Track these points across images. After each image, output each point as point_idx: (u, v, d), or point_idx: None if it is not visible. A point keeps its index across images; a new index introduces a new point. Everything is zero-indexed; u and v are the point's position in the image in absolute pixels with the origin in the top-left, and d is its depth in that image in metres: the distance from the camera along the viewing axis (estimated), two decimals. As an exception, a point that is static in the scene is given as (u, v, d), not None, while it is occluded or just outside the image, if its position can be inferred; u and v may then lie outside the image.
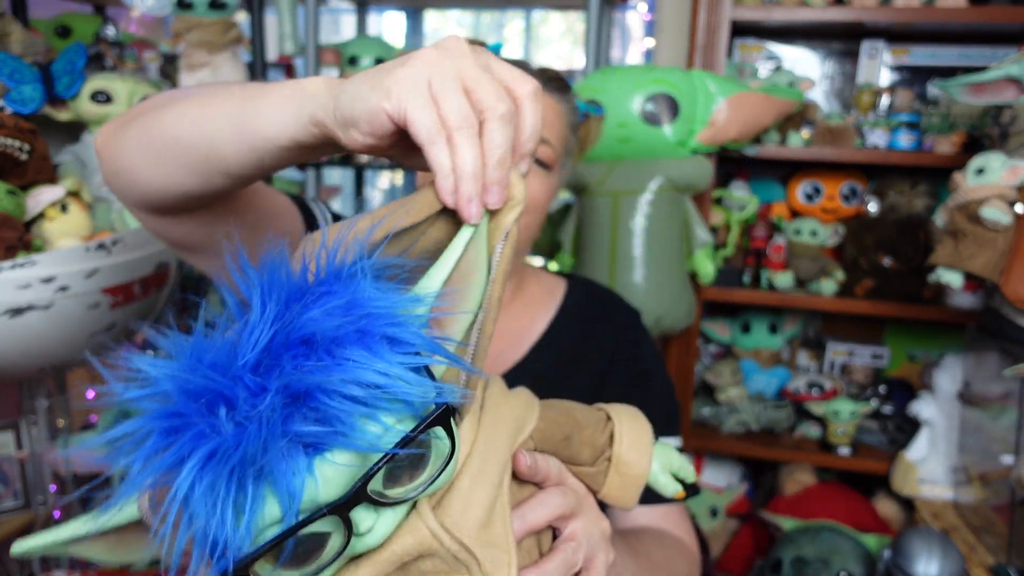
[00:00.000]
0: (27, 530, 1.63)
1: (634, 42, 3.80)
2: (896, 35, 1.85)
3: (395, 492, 0.41)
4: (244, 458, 0.35)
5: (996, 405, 1.49)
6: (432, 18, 4.41)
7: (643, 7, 3.04)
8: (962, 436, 1.63)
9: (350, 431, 0.37)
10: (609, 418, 0.58)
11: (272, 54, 1.98)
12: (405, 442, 0.38)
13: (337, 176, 3.87)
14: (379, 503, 0.40)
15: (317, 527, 0.38)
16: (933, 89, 1.84)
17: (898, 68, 1.91)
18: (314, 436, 0.36)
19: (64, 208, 1.27)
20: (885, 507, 1.76)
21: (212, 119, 0.55)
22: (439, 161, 0.43)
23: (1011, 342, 1.28)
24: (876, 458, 1.75)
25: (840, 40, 1.94)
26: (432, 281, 0.43)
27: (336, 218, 0.92)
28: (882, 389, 1.89)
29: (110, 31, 2.05)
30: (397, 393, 0.38)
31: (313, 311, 0.38)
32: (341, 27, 4.46)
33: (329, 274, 0.40)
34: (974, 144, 1.65)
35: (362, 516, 0.40)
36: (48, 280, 1.14)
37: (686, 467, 0.60)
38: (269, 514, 0.37)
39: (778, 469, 1.88)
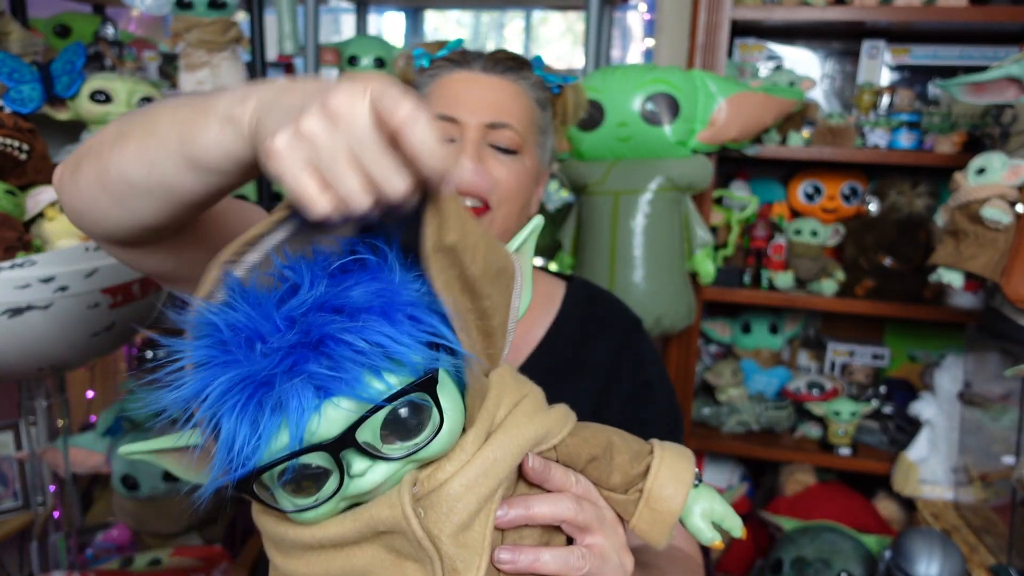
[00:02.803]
0: (26, 531, 1.63)
1: (634, 42, 3.80)
2: (897, 35, 1.84)
3: (387, 448, 0.46)
4: (265, 385, 0.43)
5: (997, 405, 1.49)
6: (432, 18, 4.41)
7: (643, 7, 3.04)
8: (963, 436, 1.63)
9: (354, 381, 0.43)
10: (652, 452, 0.57)
11: (272, 54, 1.98)
12: (391, 398, 0.44)
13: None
14: (368, 452, 0.45)
15: (318, 462, 0.45)
16: (934, 89, 1.84)
17: (899, 68, 1.91)
18: (323, 379, 0.43)
19: (63, 208, 1.26)
20: (886, 507, 1.76)
21: (156, 158, 0.55)
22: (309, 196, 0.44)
23: (1012, 342, 1.28)
24: (877, 458, 1.75)
25: (841, 40, 1.94)
26: None
27: None
28: (882, 389, 1.89)
29: (109, 31, 2.05)
30: (397, 353, 0.44)
31: (354, 290, 0.45)
32: (341, 26, 4.45)
33: (370, 265, 0.47)
34: (975, 144, 1.65)
35: (356, 460, 0.46)
36: (47, 280, 1.14)
37: (731, 518, 0.58)
38: (280, 441, 0.44)
39: (778, 469, 1.88)
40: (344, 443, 0.44)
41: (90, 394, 2.17)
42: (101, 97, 1.43)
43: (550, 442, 0.54)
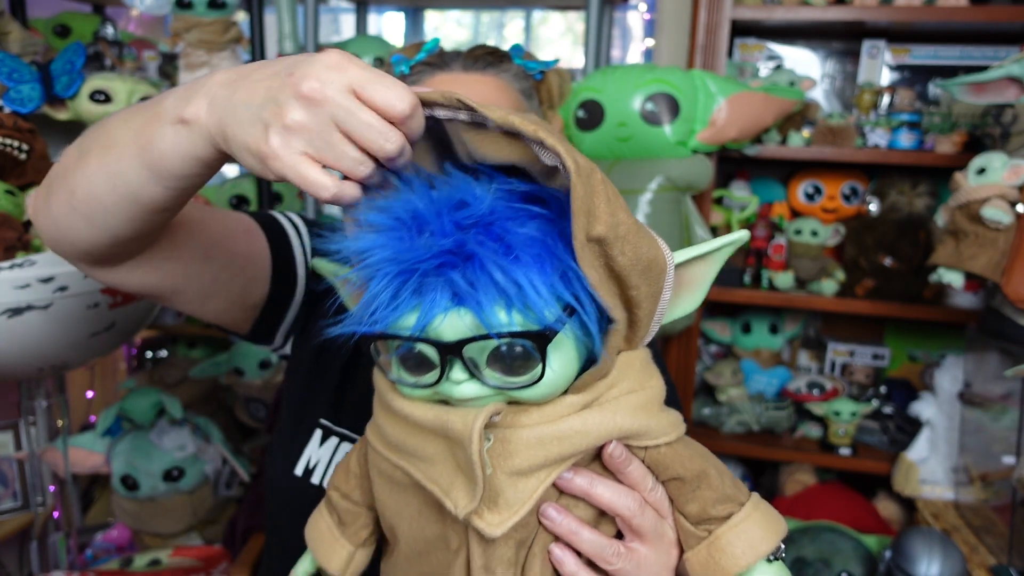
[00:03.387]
0: (26, 531, 1.63)
1: (634, 42, 3.80)
2: (897, 34, 1.84)
3: (487, 372, 0.49)
4: (415, 270, 0.47)
5: (997, 405, 1.49)
6: (432, 17, 4.41)
7: (643, 7, 3.04)
8: (963, 436, 1.63)
9: (484, 304, 0.46)
10: (743, 504, 0.55)
11: (272, 53, 1.98)
12: (505, 334, 0.46)
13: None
14: (469, 368, 0.48)
15: (428, 353, 0.49)
16: (934, 89, 1.84)
17: (899, 67, 1.90)
18: (461, 289, 0.46)
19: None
20: (886, 507, 1.76)
21: (117, 170, 0.56)
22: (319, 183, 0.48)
23: (1012, 342, 1.27)
24: (877, 458, 1.75)
25: (841, 39, 1.94)
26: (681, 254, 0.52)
27: (310, 224, 0.90)
28: (883, 389, 1.89)
29: (109, 30, 2.05)
30: (530, 301, 0.46)
31: (523, 227, 0.47)
32: (341, 26, 4.45)
33: (550, 208, 0.49)
34: (975, 144, 1.64)
35: (457, 369, 0.49)
36: (47, 280, 1.14)
37: None
38: (408, 320, 0.48)
39: (778, 469, 1.88)
40: (452, 350, 0.47)
41: (90, 394, 2.17)
42: (101, 97, 1.43)
43: (643, 442, 0.53)
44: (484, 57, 0.88)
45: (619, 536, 0.56)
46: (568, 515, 0.52)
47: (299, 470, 0.82)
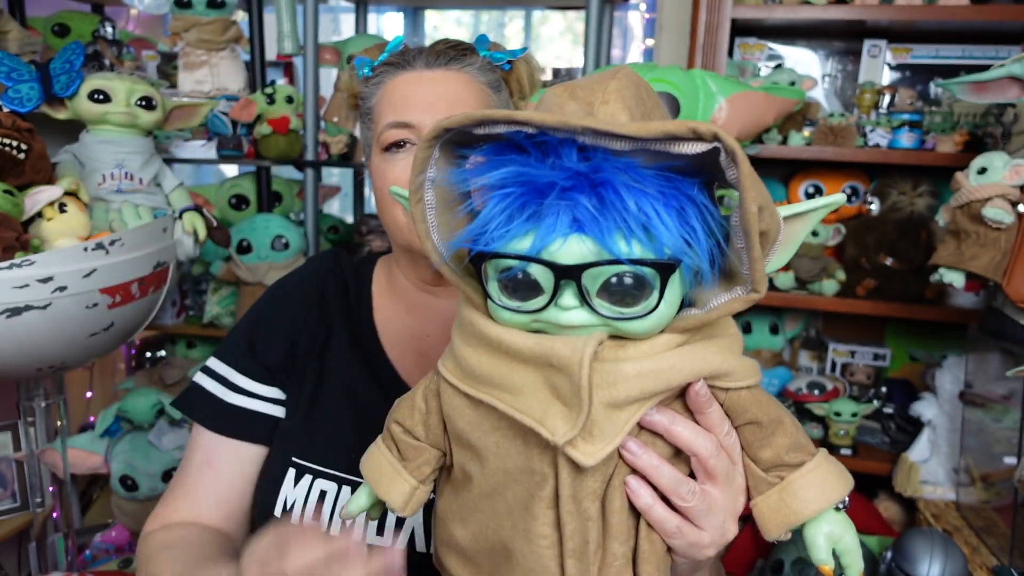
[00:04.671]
0: (24, 532, 1.62)
1: (635, 41, 3.79)
2: (898, 34, 1.84)
3: (598, 301, 0.48)
4: (537, 192, 0.47)
5: (998, 406, 1.49)
6: (432, 17, 4.41)
7: (644, 6, 3.03)
8: (964, 437, 1.62)
9: (607, 230, 0.46)
10: (815, 455, 0.56)
11: (271, 53, 1.97)
12: (630, 260, 0.47)
13: (337, 176, 3.86)
14: (581, 294, 0.48)
15: (540, 276, 0.49)
16: (935, 88, 1.83)
17: (900, 67, 1.90)
18: (584, 214, 0.46)
19: (62, 208, 1.26)
20: (887, 508, 1.76)
21: None
22: None
23: (1013, 342, 1.27)
24: (878, 459, 1.74)
25: (842, 39, 1.94)
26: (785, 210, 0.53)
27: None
28: (883, 390, 1.89)
29: (108, 30, 2.05)
30: (655, 229, 0.46)
31: (652, 169, 0.47)
32: (340, 26, 4.45)
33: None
34: (976, 143, 1.64)
35: (568, 294, 0.49)
36: (46, 280, 1.13)
37: (855, 557, 0.56)
38: (522, 243, 0.48)
39: (779, 470, 1.87)
40: (569, 274, 0.47)
41: (89, 394, 2.17)
42: (100, 96, 1.42)
43: (727, 383, 0.54)
44: (446, 52, 0.87)
45: (692, 477, 0.56)
46: (649, 450, 0.53)
47: (278, 511, 0.83)
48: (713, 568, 0.68)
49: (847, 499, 0.56)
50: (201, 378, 0.90)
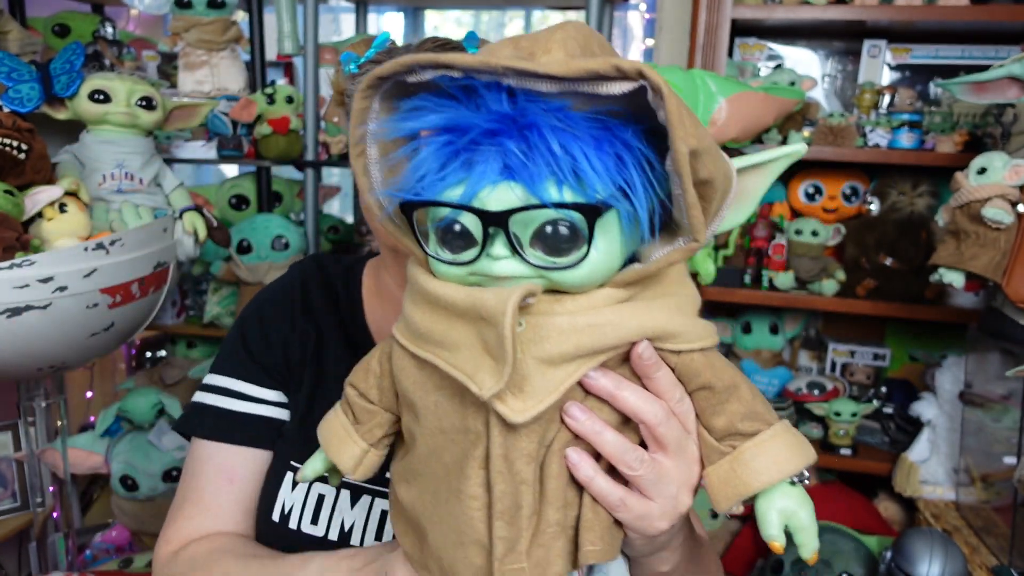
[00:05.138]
0: (25, 532, 1.63)
1: (634, 41, 3.79)
2: (897, 34, 1.84)
3: (529, 250, 0.47)
4: (467, 141, 0.46)
5: (998, 406, 1.49)
6: (432, 17, 4.41)
7: (643, 6, 3.04)
8: (964, 437, 1.62)
9: (535, 176, 0.45)
10: (771, 425, 0.53)
11: (271, 53, 1.97)
12: (555, 204, 0.45)
13: (337, 176, 3.86)
14: (511, 243, 0.46)
15: (470, 225, 0.47)
16: (935, 88, 1.83)
17: (899, 67, 1.90)
18: (512, 159, 0.45)
19: (62, 208, 1.26)
20: (886, 508, 1.76)
21: None
22: None
23: (1013, 342, 1.27)
24: (877, 459, 1.74)
25: (841, 39, 1.94)
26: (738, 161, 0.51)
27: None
28: (883, 390, 1.89)
29: (108, 30, 2.05)
30: (583, 172, 0.45)
31: (585, 114, 0.45)
32: (340, 26, 4.45)
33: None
34: (976, 143, 1.64)
35: (499, 244, 0.47)
36: (46, 280, 1.13)
37: (809, 535, 0.53)
38: (454, 192, 0.47)
39: (779, 469, 1.87)
40: (497, 220, 0.46)
41: (89, 394, 2.17)
42: (100, 97, 1.42)
43: (676, 344, 0.51)
44: (434, 51, 0.84)
45: (642, 446, 0.54)
46: (592, 415, 0.50)
47: (276, 515, 0.83)
48: (687, 554, 0.65)
49: (806, 473, 0.53)
50: (201, 396, 0.89)
